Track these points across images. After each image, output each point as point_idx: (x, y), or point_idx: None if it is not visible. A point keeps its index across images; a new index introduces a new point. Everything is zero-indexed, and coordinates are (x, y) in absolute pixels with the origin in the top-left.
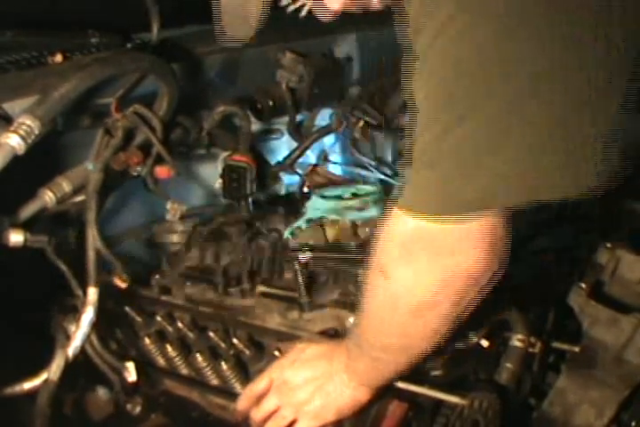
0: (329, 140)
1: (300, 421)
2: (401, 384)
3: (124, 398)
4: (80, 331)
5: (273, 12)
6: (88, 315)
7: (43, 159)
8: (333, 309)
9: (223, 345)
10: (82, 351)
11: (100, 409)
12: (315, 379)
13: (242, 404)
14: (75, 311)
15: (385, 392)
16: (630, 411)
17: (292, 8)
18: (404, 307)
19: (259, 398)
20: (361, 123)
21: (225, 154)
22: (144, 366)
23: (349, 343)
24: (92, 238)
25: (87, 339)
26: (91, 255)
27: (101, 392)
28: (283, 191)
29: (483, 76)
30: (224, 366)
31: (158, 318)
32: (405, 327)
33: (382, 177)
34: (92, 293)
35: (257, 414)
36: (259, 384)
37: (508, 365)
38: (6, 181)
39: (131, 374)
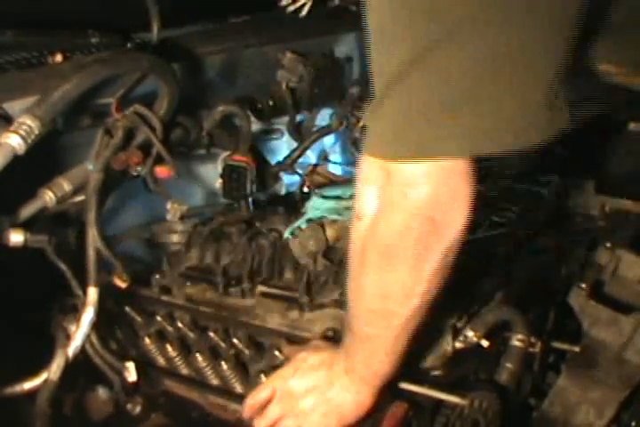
0: (329, 140)
1: None
2: (401, 384)
3: (124, 398)
4: (80, 331)
5: (273, 12)
6: (88, 315)
7: (43, 159)
8: (333, 309)
9: (223, 345)
10: (82, 351)
11: (100, 409)
12: (316, 388)
13: (246, 413)
14: (75, 311)
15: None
16: (630, 411)
17: (291, 8)
18: (374, 252)
19: (262, 407)
20: (361, 123)
21: (225, 154)
22: (144, 366)
23: (345, 338)
24: (93, 238)
25: (87, 339)
26: (91, 255)
27: (101, 392)
28: (283, 191)
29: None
30: (224, 366)
31: (158, 318)
32: (381, 283)
33: None
34: (92, 292)
35: (261, 424)
36: (261, 393)
37: (508, 365)
38: (6, 181)
39: (131, 374)
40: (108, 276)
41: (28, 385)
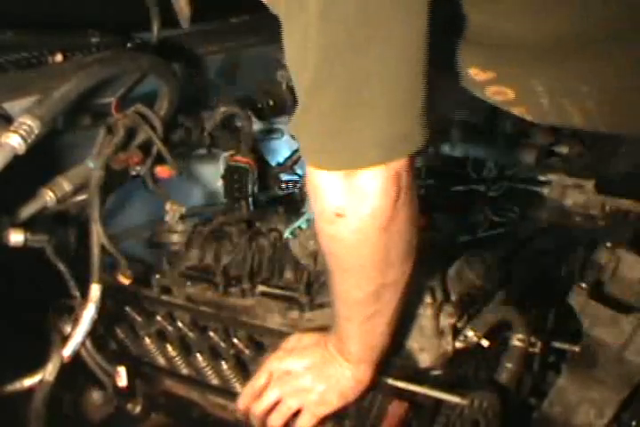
0: None
1: (305, 409)
2: (401, 384)
3: (118, 401)
4: (81, 328)
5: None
6: (89, 312)
7: (43, 159)
8: None
9: (223, 345)
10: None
11: (98, 410)
12: (314, 366)
13: (242, 401)
14: (71, 312)
15: (385, 391)
16: (630, 411)
17: None
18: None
19: (259, 394)
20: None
21: (226, 154)
22: (144, 365)
23: (334, 322)
24: (97, 235)
25: (87, 336)
26: (95, 252)
27: (95, 395)
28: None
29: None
30: (224, 365)
31: (158, 318)
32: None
33: None
34: (95, 289)
35: (259, 408)
36: (259, 380)
37: (509, 365)
38: (6, 181)
39: (122, 379)
40: (109, 276)
41: (24, 385)
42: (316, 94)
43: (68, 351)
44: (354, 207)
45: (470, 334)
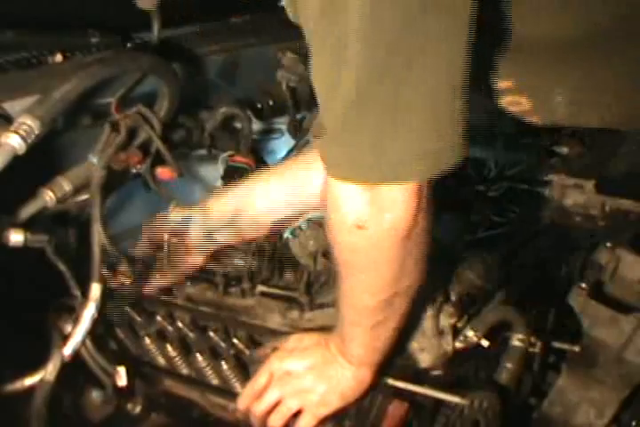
0: None
1: (306, 410)
2: (401, 384)
3: (117, 401)
4: (81, 327)
5: (273, 12)
6: (90, 311)
7: (43, 159)
8: (333, 308)
9: (223, 345)
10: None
11: (97, 410)
12: (315, 366)
13: (243, 402)
14: (71, 311)
15: (385, 391)
16: (630, 411)
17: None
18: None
19: (260, 394)
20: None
21: (225, 154)
22: (144, 365)
23: (339, 325)
24: (98, 234)
25: (87, 336)
26: (96, 251)
27: (95, 395)
28: None
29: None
30: (224, 365)
31: (158, 318)
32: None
33: None
34: (96, 288)
35: (259, 408)
36: (259, 379)
37: (508, 365)
38: (6, 181)
39: (121, 378)
40: (108, 276)
41: (25, 385)
42: (352, 111)
43: (68, 350)
44: (375, 219)
45: (470, 334)
